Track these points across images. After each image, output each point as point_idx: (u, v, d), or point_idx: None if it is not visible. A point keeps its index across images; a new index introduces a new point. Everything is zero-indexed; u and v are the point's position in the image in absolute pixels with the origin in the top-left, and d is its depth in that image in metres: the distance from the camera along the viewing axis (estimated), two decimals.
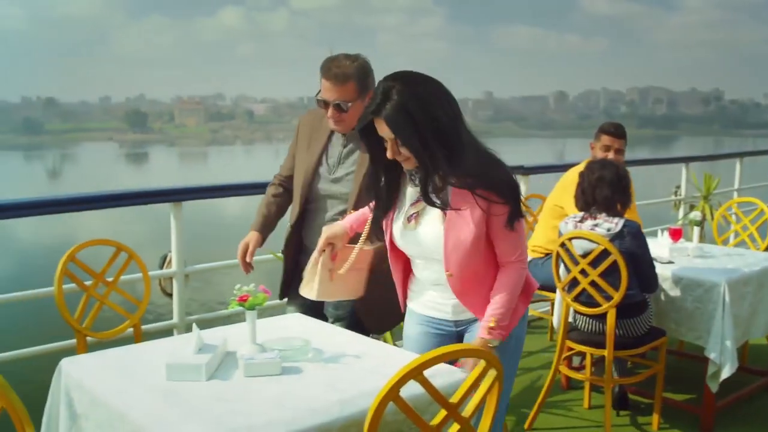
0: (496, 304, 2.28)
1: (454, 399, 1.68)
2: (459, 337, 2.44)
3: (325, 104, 2.77)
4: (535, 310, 5.12)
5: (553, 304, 4.08)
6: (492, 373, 1.73)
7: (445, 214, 2.24)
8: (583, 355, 3.93)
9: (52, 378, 2.15)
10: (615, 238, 3.35)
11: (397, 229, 2.35)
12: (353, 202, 2.80)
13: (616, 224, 3.37)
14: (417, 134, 2.13)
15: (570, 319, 3.64)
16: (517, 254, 2.30)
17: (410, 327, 2.51)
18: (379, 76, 2.31)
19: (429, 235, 2.28)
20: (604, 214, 3.42)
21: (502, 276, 2.31)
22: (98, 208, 4.11)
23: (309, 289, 2.45)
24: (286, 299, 3.09)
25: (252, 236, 2.99)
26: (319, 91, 2.78)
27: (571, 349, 3.71)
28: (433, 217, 2.28)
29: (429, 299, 2.43)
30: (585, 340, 3.58)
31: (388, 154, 2.21)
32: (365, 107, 2.23)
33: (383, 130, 2.17)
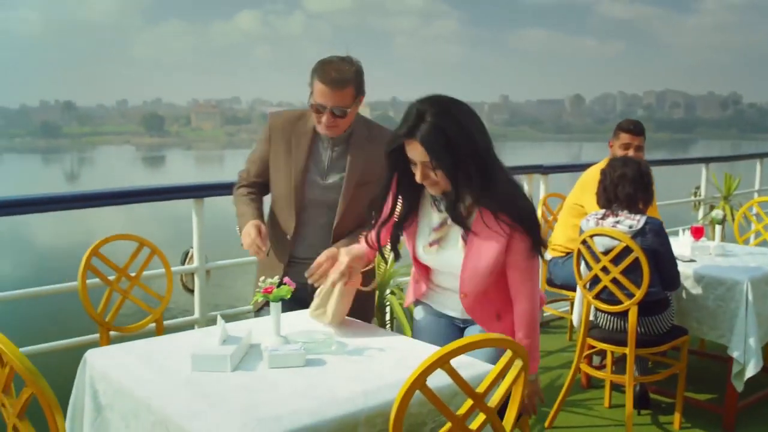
0: (523, 343, 2.30)
1: (480, 389, 1.68)
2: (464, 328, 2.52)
3: (318, 109, 2.65)
4: (554, 309, 5.10)
5: (572, 304, 4.06)
6: (518, 364, 1.73)
7: (465, 243, 2.27)
8: (603, 354, 3.90)
9: (71, 374, 2.16)
10: (637, 235, 3.33)
11: (420, 249, 2.40)
12: (342, 211, 2.74)
13: (638, 221, 3.35)
14: (452, 156, 2.11)
15: (591, 317, 3.62)
16: (531, 288, 2.33)
17: (422, 317, 2.58)
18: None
19: (448, 261, 2.34)
20: (625, 212, 3.40)
21: (523, 314, 2.33)
22: (123, 204, 4.17)
23: (321, 313, 2.42)
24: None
25: (257, 222, 2.71)
26: (311, 94, 2.64)
27: (592, 347, 3.69)
28: (453, 245, 2.32)
29: (444, 301, 2.51)
30: (606, 338, 3.56)
31: (417, 178, 2.19)
32: (395, 129, 2.20)
33: (415, 152, 2.14)
